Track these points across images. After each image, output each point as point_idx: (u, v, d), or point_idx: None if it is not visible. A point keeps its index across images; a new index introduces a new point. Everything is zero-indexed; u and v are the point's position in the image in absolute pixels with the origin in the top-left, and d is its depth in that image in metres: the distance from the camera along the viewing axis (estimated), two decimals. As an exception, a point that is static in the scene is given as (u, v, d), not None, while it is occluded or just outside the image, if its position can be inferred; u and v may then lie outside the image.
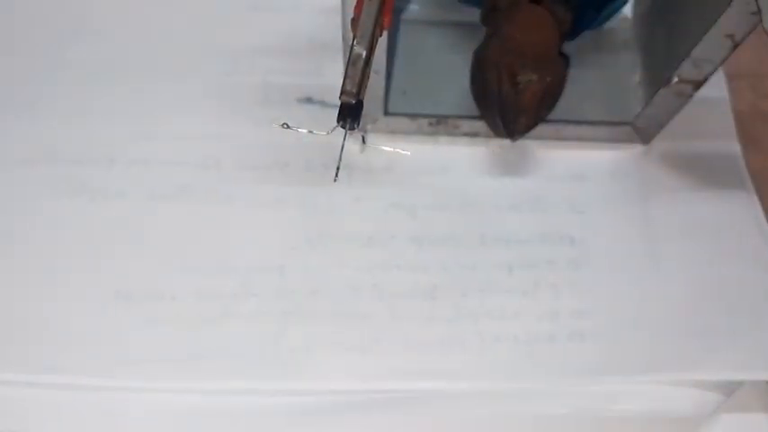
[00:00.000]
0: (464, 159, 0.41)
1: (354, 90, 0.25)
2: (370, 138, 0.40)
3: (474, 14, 0.43)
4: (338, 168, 0.26)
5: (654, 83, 0.39)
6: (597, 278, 0.38)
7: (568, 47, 0.43)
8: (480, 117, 0.40)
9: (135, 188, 0.39)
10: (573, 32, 0.42)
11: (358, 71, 0.24)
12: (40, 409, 0.33)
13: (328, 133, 0.26)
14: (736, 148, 0.42)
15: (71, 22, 0.44)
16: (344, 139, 0.27)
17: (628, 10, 0.45)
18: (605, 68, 0.43)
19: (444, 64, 0.42)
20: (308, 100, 0.42)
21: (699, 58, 0.35)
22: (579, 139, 0.41)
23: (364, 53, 0.25)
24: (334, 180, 0.27)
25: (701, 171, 0.41)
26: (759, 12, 0.30)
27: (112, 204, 0.38)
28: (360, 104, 0.25)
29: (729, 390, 0.35)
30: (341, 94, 0.25)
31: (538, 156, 0.41)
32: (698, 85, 0.36)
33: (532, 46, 0.38)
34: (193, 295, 0.36)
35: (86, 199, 0.38)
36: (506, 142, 0.41)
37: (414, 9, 0.45)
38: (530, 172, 0.41)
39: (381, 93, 0.38)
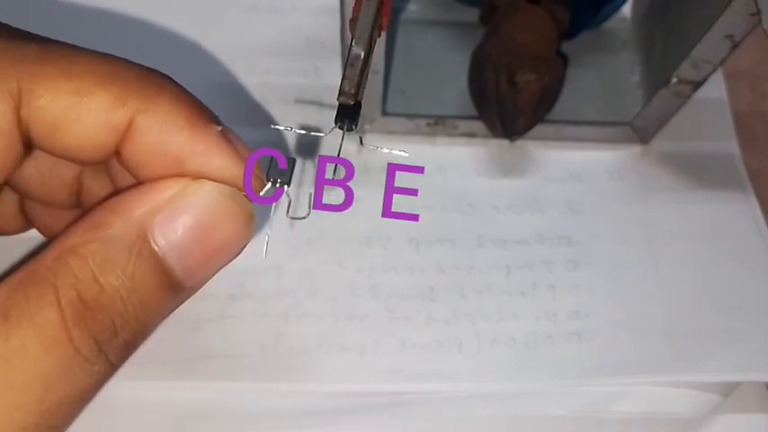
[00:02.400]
0: (462, 160, 0.41)
1: (352, 91, 0.24)
2: (368, 138, 0.40)
3: (472, 14, 0.43)
4: (335, 169, 0.26)
5: (653, 83, 0.39)
6: (595, 279, 0.37)
7: (567, 47, 0.43)
8: (478, 117, 0.40)
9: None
10: (571, 32, 0.42)
11: (356, 72, 0.24)
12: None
13: (326, 134, 0.26)
14: (734, 148, 0.42)
15: (70, 22, 0.44)
16: (342, 140, 0.26)
17: (626, 10, 0.45)
18: (604, 69, 0.43)
19: (442, 64, 0.42)
20: (306, 101, 0.42)
21: (698, 59, 0.35)
22: (577, 139, 0.41)
23: (362, 54, 0.25)
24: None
25: (700, 171, 0.41)
26: (758, 12, 0.30)
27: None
28: (358, 106, 0.25)
29: (727, 391, 0.35)
30: (339, 95, 0.25)
31: (536, 156, 0.41)
32: (697, 85, 0.36)
33: (531, 46, 0.38)
34: (191, 296, 0.36)
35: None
36: (504, 143, 0.41)
37: (412, 9, 0.45)
38: (528, 172, 0.41)
39: (379, 93, 0.38)
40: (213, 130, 0.24)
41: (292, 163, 0.25)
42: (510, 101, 0.38)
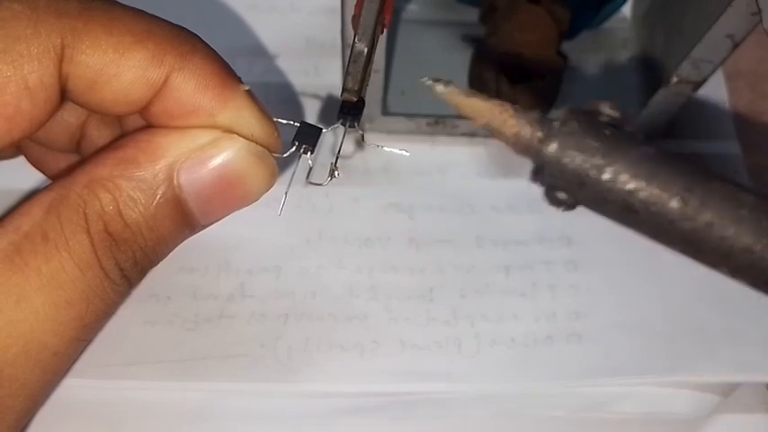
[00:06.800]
0: (462, 160, 0.40)
1: (356, 88, 0.24)
2: (369, 137, 0.40)
3: (472, 14, 0.43)
4: (333, 168, 0.26)
5: (653, 83, 0.39)
6: (595, 279, 0.37)
7: (567, 46, 0.43)
8: (479, 117, 0.40)
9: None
10: (571, 32, 0.42)
11: (359, 69, 0.24)
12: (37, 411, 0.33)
13: (327, 131, 0.26)
14: (734, 148, 0.42)
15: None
16: (343, 137, 0.26)
17: (627, 10, 0.45)
18: (604, 69, 0.43)
19: (443, 64, 0.42)
20: (307, 100, 0.41)
21: (698, 59, 0.35)
22: (577, 139, 0.41)
23: (366, 50, 0.25)
24: (330, 179, 0.26)
25: (700, 172, 0.41)
26: (759, 12, 0.30)
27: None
28: (361, 102, 0.25)
29: (727, 391, 0.35)
30: (342, 91, 0.25)
31: (536, 156, 0.41)
32: (697, 85, 0.36)
33: (531, 45, 0.38)
34: (190, 296, 0.36)
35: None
36: (504, 142, 0.40)
37: (413, 9, 0.44)
38: (527, 172, 0.40)
39: (380, 92, 0.38)
40: (241, 90, 0.24)
41: (318, 131, 0.26)
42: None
